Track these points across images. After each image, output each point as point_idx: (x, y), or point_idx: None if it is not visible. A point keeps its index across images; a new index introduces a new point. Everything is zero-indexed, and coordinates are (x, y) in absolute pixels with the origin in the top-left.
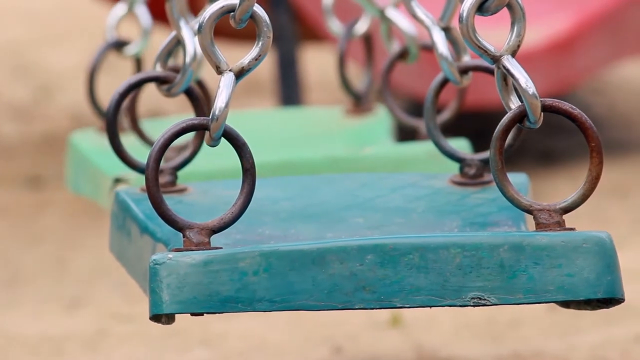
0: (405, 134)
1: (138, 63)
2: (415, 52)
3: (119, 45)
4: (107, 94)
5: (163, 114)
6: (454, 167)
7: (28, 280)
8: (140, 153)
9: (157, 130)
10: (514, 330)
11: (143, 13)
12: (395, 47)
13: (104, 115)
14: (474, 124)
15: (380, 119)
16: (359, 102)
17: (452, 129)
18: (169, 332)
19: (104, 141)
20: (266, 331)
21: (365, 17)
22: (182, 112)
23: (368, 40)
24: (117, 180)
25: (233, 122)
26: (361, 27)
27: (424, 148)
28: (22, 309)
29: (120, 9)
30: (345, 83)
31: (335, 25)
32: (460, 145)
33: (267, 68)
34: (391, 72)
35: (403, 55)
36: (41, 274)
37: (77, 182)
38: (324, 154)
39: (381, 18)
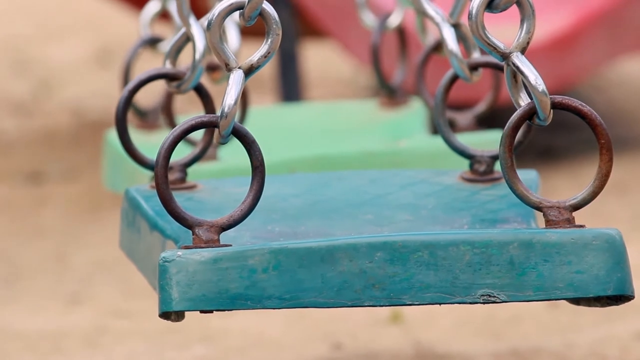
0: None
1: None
2: None
3: (152, 42)
4: (144, 93)
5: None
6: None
7: (27, 276)
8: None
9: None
10: (514, 327)
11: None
12: (430, 39)
13: (139, 113)
14: (487, 119)
15: (414, 112)
16: (393, 96)
17: (486, 120)
18: (169, 329)
19: (139, 138)
20: (266, 328)
21: (398, 10)
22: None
23: (401, 33)
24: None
25: (269, 117)
26: (395, 20)
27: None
28: (21, 305)
29: (153, 5)
30: (380, 76)
31: (368, 19)
32: (497, 139)
33: (268, 65)
34: (426, 65)
35: (437, 48)
36: (41, 270)
37: (114, 179)
38: (360, 148)
39: (416, 11)
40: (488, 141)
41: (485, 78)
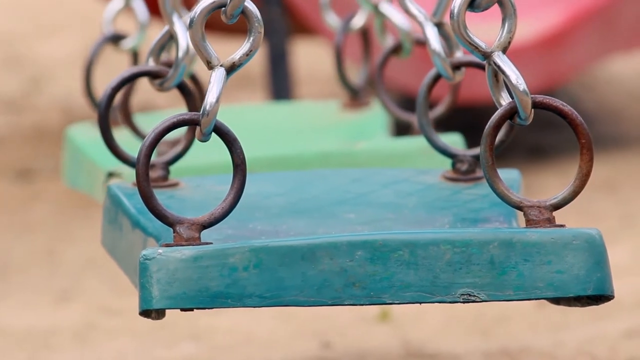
0: (402, 129)
1: (135, 57)
2: (408, 47)
3: (115, 39)
4: (103, 87)
5: (154, 108)
6: (446, 162)
7: (17, 272)
8: (134, 147)
9: (149, 124)
10: (502, 325)
11: (140, 7)
12: (389, 42)
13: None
14: (465, 118)
15: (376, 114)
16: (355, 97)
17: (443, 123)
18: (158, 326)
19: (99, 135)
20: (254, 326)
21: (362, 11)
22: (173, 107)
23: (365, 35)
24: (111, 174)
25: (228, 116)
26: (358, 21)
27: (417, 143)
28: (11, 301)
29: (117, 2)
30: (343, 77)
31: (332, 20)
32: (454, 140)
33: (258, 62)
34: (385, 67)
35: (397, 50)
36: (31, 266)
37: (73, 175)
38: (317, 148)
39: (375, 13)
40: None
41: (442, 81)
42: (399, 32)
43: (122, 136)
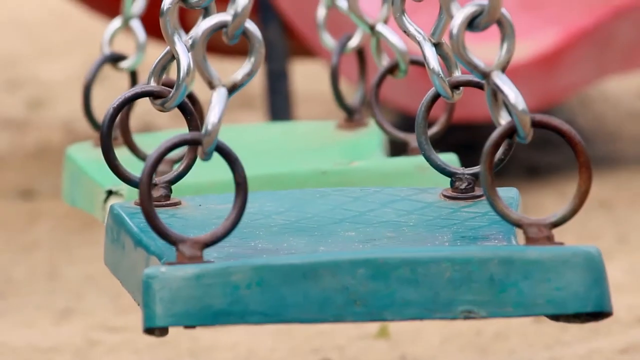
0: (397, 148)
1: (133, 77)
2: (404, 67)
3: (114, 59)
4: (102, 106)
5: (154, 128)
6: (443, 180)
7: (19, 291)
8: (135, 167)
9: (149, 144)
10: (501, 342)
11: (138, 27)
12: (384, 62)
13: (99, 129)
14: (462, 136)
15: (372, 133)
16: (351, 116)
17: (440, 141)
18: (159, 343)
19: (99, 154)
20: (254, 342)
21: (358, 31)
22: (173, 127)
23: (361, 54)
24: (110, 192)
25: (225, 135)
26: (354, 41)
27: (412, 162)
28: (12, 319)
29: (115, 23)
30: (338, 97)
31: (327, 40)
32: (449, 159)
33: (258, 82)
34: (381, 87)
35: (392, 70)
36: (32, 285)
37: (73, 194)
38: (313, 167)
39: (371, 33)
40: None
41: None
42: (395, 53)
43: (121, 155)
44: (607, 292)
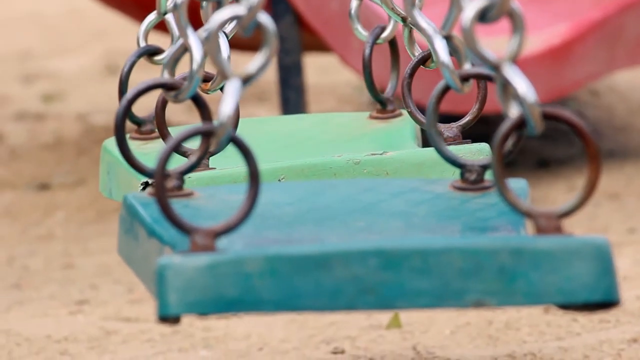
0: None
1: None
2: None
3: (150, 53)
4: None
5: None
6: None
7: (34, 281)
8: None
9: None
10: (511, 332)
11: (173, 22)
12: (416, 53)
13: (135, 122)
14: (477, 128)
15: (405, 124)
16: (384, 107)
17: (468, 131)
18: (172, 333)
19: (135, 146)
20: (267, 332)
21: (391, 23)
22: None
23: (394, 45)
24: (147, 184)
25: (260, 127)
26: (386, 33)
27: None
28: (29, 310)
29: (152, 16)
30: (372, 88)
31: (360, 32)
32: (481, 149)
33: (271, 76)
34: (413, 78)
35: (425, 60)
36: (48, 276)
37: (109, 186)
38: (347, 157)
39: (403, 24)
40: (472, 152)
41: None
42: (427, 44)
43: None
44: (616, 281)
